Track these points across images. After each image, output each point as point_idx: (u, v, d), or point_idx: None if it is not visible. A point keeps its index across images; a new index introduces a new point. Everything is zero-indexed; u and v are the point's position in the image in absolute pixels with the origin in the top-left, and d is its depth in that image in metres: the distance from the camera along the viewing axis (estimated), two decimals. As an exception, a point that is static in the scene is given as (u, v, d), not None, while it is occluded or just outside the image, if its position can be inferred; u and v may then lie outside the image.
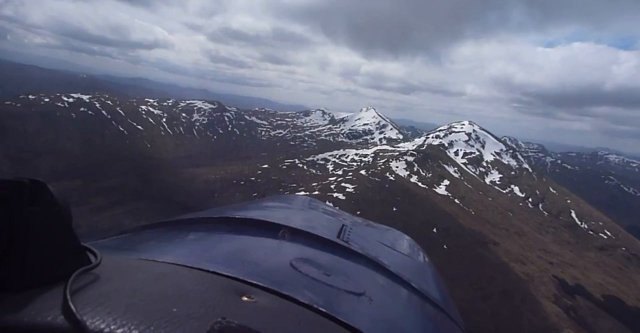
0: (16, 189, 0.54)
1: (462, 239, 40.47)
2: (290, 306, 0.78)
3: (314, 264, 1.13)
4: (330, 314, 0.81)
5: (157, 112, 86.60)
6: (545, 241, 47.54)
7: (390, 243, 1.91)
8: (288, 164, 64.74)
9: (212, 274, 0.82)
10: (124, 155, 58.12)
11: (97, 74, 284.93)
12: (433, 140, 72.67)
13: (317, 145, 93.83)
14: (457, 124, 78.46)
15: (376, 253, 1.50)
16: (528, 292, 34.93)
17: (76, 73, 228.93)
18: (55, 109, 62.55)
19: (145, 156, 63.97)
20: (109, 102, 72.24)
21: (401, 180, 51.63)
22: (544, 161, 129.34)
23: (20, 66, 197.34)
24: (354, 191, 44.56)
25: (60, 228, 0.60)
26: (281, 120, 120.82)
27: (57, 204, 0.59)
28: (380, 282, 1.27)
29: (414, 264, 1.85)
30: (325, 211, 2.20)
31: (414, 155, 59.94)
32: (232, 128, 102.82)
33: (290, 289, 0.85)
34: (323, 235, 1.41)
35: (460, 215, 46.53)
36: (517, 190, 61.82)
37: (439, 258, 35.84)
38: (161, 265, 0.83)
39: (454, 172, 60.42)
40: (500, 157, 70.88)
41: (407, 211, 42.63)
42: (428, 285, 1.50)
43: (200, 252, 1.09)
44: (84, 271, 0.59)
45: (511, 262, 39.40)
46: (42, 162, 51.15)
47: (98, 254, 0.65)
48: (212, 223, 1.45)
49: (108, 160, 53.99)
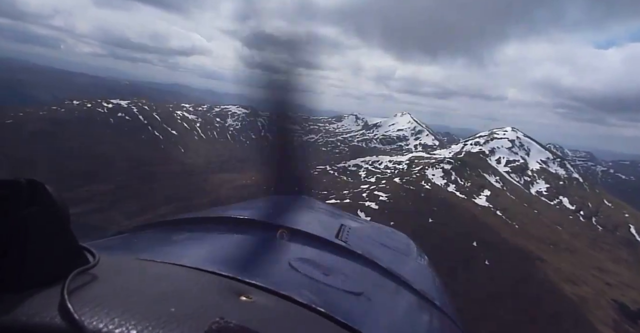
0: (14, 189, 0.54)
1: (505, 255, 37.55)
2: (289, 306, 0.79)
3: (312, 264, 1.14)
4: (329, 314, 0.82)
5: (192, 117, 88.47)
6: (600, 259, 43.26)
7: (388, 243, 1.90)
8: (319, 171, 63.54)
9: (210, 274, 0.83)
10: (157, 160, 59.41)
11: (138, 81, 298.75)
12: (472, 147, 68.94)
13: (349, 150, 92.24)
14: (498, 130, 74.12)
15: (375, 253, 1.50)
16: (582, 316, 31.48)
17: (119, 79, 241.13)
18: (95, 114, 65.28)
19: (178, 161, 65.12)
20: (146, 108, 74.57)
21: (438, 189, 49.08)
22: (594, 170, 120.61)
23: (70, 74, 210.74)
24: (388, 200, 42.59)
25: (58, 228, 0.60)
26: (313, 125, 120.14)
27: (55, 204, 0.59)
28: (379, 282, 1.29)
29: (413, 264, 1.85)
30: (324, 211, 2.17)
31: (452, 162, 56.89)
32: (265, 133, 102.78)
33: (289, 289, 0.86)
34: (321, 235, 1.42)
35: (503, 228, 43.39)
36: (566, 201, 57.15)
37: (480, 274, 33.62)
38: (159, 265, 0.84)
39: (496, 181, 56.74)
40: (547, 166, 66.03)
41: (444, 222, 40.15)
42: (426, 285, 1.51)
43: (198, 252, 1.10)
44: (81, 271, 0.60)
45: (561, 281, 35.95)
46: (78, 166, 52.97)
47: (96, 254, 0.66)
48: (210, 223, 1.44)
49: (141, 164, 55.30)
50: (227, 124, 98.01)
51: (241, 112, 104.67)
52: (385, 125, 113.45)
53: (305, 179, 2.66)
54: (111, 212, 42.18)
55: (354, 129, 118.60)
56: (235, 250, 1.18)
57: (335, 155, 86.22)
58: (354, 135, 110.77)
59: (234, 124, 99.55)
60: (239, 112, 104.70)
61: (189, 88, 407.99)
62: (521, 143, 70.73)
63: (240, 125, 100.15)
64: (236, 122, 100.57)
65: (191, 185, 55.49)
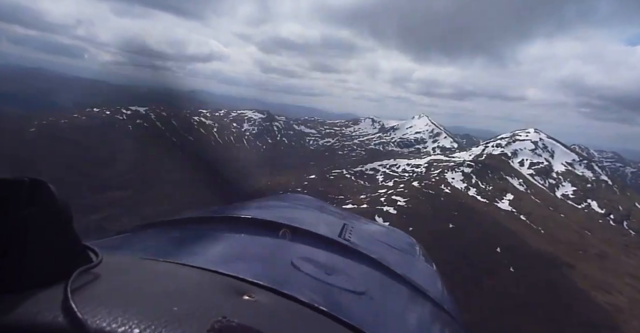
0: (15, 189, 0.54)
1: (530, 261, 36.06)
2: (291, 305, 0.79)
3: (315, 263, 1.15)
4: (331, 313, 0.82)
5: (209, 122, 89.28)
6: (633, 265, 40.95)
7: (391, 242, 1.91)
8: (335, 175, 62.78)
9: (213, 273, 0.83)
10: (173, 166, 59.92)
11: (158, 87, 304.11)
12: (493, 149, 66.94)
13: (366, 154, 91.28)
14: (520, 132, 71.83)
15: (377, 252, 1.50)
16: (618, 327, 29.70)
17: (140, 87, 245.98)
18: (114, 121, 66.67)
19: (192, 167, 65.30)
20: (163, 114, 75.52)
21: (458, 193, 47.72)
22: (622, 171, 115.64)
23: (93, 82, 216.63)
24: (406, 205, 41.55)
25: (60, 227, 0.60)
26: (330, 128, 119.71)
27: (57, 204, 0.59)
28: (382, 281, 1.30)
29: (416, 263, 1.85)
30: (327, 210, 2.17)
31: (472, 165, 55.31)
32: (280, 137, 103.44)
33: (291, 288, 0.87)
34: (324, 234, 1.43)
35: (527, 233, 41.74)
36: (595, 205, 54.57)
37: (505, 282, 32.33)
38: (162, 264, 0.84)
39: (519, 184, 54.77)
40: (572, 168, 63.42)
41: (466, 227, 38.87)
42: (429, 285, 1.51)
43: (201, 251, 1.12)
44: (84, 270, 0.60)
45: (592, 289, 34.19)
46: (97, 172, 53.90)
47: (99, 253, 0.66)
48: (213, 222, 1.47)
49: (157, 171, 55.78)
50: (243, 128, 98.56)
51: (257, 117, 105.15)
52: (402, 128, 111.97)
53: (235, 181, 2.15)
54: (130, 217, 42.71)
55: (371, 132, 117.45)
56: (238, 249, 1.19)
57: (351, 158, 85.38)
58: (371, 138, 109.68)
59: (250, 129, 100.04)
60: (255, 116, 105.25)
61: (208, 94, 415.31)
62: (544, 144, 68.31)
63: (257, 130, 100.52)
64: (252, 126, 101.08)
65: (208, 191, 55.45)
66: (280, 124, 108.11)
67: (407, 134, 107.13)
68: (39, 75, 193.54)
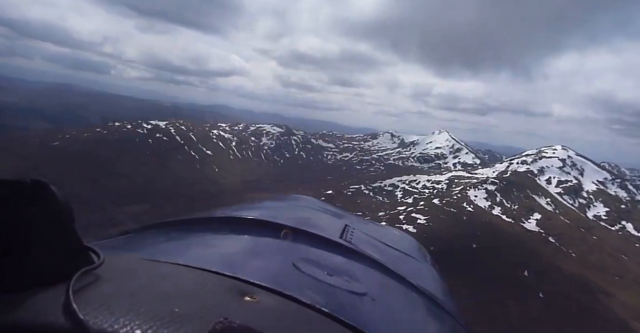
0: (17, 189, 0.55)
1: (561, 286, 33.78)
2: (293, 306, 0.79)
3: (317, 264, 1.16)
4: (333, 314, 0.82)
5: (228, 136, 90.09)
6: (676, 294, 37.80)
7: (393, 243, 1.91)
8: (353, 190, 61.53)
9: (215, 274, 0.83)
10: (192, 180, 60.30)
11: (180, 102, 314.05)
12: (519, 166, 64.52)
13: (384, 169, 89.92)
14: (547, 149, 69.21)
15: (379, 253, 1.51)
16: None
17: (163, 101, 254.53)
18: (135, 135, 68.10)
19: (212, 181, 65.71)
20: (183, 128, 76.85)
21: (481, 211, 45.73)
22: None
23: (119, 97, 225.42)
24: (427, 223, 39.96)
25: (62, 228, 0.60)
26: (348, 143, 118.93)
27: (59, 205, 0.59)
28: (383, 283, 1.30)
29: (417, 265, 1.85)
30: (328, 211, 2.17)
31: (496, 183, 53.14)
32: (298, 151, 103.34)
33: (293, 289, 0.87)
34: (326, 236, 1.43)
35: (557, 256, 39.39)
36: (630, 227, 51.29)
37: (535, 307, 30.43)
38: (163, 265, 0.84)
39: (546, 203, 52.16)
40: (604, 187, 60.29)
41: (490, 248, 36.92)
42: (431, 286, 1.52)
43: (203, 252, 1.13)
44: (86, 271, 0.60)
45: (631, 319, 31.66)
46: (117, 186, 54.54)
47: (101, 254, 0.66)
48: (214, 223, 1.47)
49: (177, 184, 56.25)
50: (261, 142, 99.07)
51: (275, 131, 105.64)
52: (422, 143, 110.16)
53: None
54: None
55: (390, 146, 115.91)
56: (239, 250, 1.19)
57: (370, 174, 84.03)
58: (390, 153, 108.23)
59: (269, 143, 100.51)
60: (274, 131, 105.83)
61: (228, 108, 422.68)
62: (573, 162, 65.46)
63: (275, 144, 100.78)
64: (270, 140, 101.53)
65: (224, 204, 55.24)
66: (299, 138, 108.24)
67: (427, 149, 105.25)
68: (68, 91, 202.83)
